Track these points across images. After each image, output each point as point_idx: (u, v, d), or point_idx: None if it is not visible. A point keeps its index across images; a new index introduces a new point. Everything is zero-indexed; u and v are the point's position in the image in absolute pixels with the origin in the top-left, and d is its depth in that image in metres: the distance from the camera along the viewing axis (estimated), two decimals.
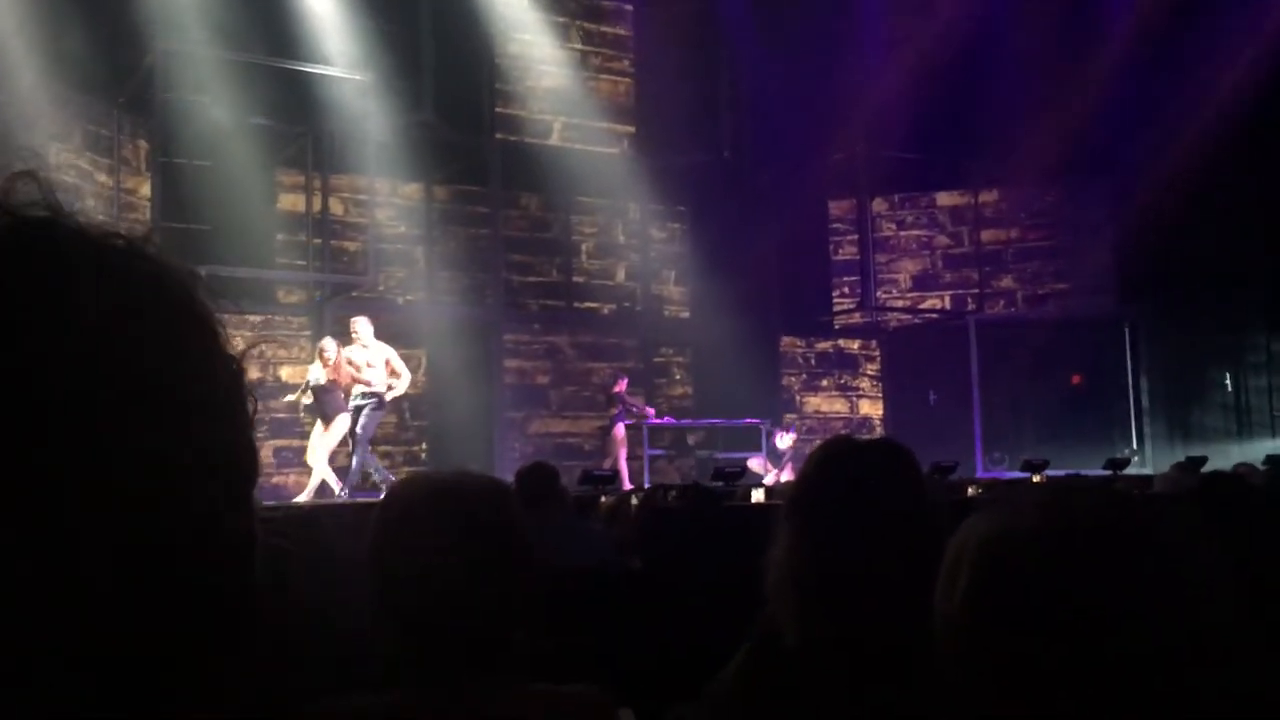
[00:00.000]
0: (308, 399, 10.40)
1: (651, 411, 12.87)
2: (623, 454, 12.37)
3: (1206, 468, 7.85)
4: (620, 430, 12.51)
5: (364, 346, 10.29)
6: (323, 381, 10.07)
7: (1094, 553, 0.88)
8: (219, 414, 0.62)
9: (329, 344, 10.20)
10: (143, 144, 11.14)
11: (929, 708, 0.99)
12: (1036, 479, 10.24)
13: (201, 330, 0.63)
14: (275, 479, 11.59)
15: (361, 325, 10.37)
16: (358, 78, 11.42)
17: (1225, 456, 11.35)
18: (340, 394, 10.15)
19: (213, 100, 11.01)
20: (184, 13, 10.54)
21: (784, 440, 13.05)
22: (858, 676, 1.46)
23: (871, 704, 1.43)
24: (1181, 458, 10.51)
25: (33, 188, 0.61)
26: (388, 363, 10.33)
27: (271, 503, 8.68)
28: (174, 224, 10.63)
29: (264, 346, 11.87)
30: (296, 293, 12.44)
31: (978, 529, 0.95)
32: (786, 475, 12.17)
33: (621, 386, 12.62)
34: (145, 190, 11.01)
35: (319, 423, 10.24)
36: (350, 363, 10.13)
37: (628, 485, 11.74)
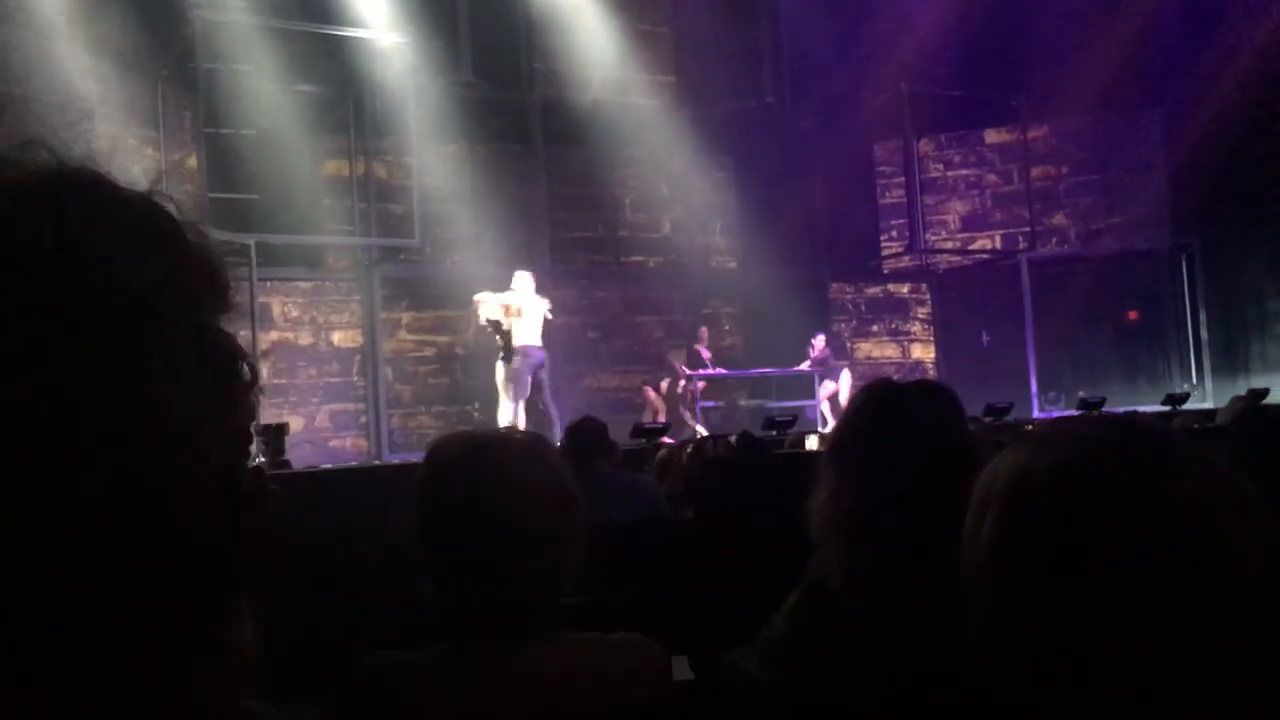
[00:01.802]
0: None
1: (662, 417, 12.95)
2: (661, 408, 12.51)
3: (1269, 399, 7.70)
4: (649, 392, 12.69)
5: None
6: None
7: (1126, 486, 0.86)
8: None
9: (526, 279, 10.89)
10: (188, 116, 11.22)
11: (975, 651, 0.98)
12: None
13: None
14: (332, 442, 11.73)
15: (522, 281, 10.93)
16: (397, 40, 11.41)
17: None
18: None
19: (254, 69, 11.04)
20: None
21: (816, 346, 13.22)
22: (903, 620, 1.45)
23: (918, 647, 1.43)
24: (1243, 390, 10.33)
25: None
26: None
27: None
28: (223, 194, 10.72)
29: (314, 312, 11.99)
30: (345, 258, 12.53)
31: (1006, 463, 0.93)
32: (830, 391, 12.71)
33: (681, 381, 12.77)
34: (192, 162, 11.09)
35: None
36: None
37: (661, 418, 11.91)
